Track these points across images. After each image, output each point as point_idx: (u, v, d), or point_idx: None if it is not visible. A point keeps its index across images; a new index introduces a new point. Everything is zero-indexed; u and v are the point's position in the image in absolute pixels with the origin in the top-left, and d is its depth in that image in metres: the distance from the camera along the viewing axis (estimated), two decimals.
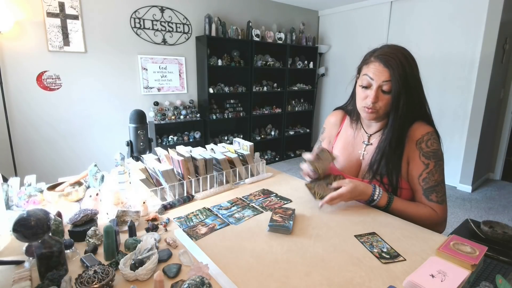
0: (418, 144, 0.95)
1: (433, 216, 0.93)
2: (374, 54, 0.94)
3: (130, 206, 0.95)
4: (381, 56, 0.91)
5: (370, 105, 0.93)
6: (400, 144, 0.95)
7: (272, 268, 0.69)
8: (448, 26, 3.41)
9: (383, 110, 0.94)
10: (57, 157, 2.98)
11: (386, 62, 0.89)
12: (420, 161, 0.95)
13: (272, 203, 1.05)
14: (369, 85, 0.93)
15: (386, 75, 0.89)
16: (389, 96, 0.91)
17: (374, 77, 0.91)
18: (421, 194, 0.95)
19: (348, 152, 1.09)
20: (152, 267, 0.65)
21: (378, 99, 0.92)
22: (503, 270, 0.70)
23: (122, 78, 3.22)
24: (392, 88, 0.89)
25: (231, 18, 3.90)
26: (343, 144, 1.12)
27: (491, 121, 3.55)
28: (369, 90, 0.94)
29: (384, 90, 0.91)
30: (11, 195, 0.98)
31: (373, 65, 0.92)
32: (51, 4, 2.69)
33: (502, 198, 3.32)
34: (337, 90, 4.85)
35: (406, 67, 0.89)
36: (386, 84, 0.90)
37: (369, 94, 0.93)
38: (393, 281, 0.64)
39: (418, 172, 0.95)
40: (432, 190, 0.94)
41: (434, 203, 0.94)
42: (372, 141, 1.05)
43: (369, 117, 0.97)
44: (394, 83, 0.88)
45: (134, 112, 1.48)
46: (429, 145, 0.94)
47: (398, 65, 0.88)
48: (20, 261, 0.70)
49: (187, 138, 3.61)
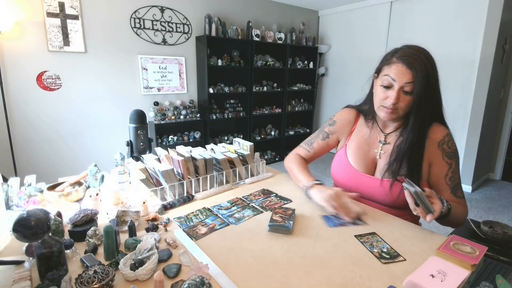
0: (440, 146, 0.96)
1: (465, 211, 0.97)
2: (396, 54, 0.93)
3: (130, 206, 0.95)
4: (404, 57, 0.90)
5: (391, 106, 0.92)
6: (421, 145, 0.96)
7: (272, 268, 0.69)
8: (448, 26, 3.41)
9: (403, 111, 0.94)
10: (57, 157, 2.98)
11: (409, 64, 0.88)
12: (444, 162, 0.97)
13: (272, 203, 1.05)
14: (390, 85, 0.93)
15: (408, 77, 0.89)
16: (410, 97, 0.91)
17: (397, 78, 0.90)
18: (449, 193, 0.97)
19: (363, 151, 1.09)
20: (152, 267, 0.65)
21: (399, 100, 0.92)
22: (503, 270, 0.70)
23: (122, 78, 3.22)
24: (414, 90, 0.89)
25: (231, 18, 3.90)
26: (358, 143, 1.11)
27: (491, 121, 3.55)
28: (390, 90, 0.93)
29: (406, 91, 0.90)
30: (11, 195, 0.98)
31: (395, 66, 0.91)
32: (51, 4, 2.69)
33: (502, 198, 3.32)
34: (337, 90, 4.85)
35: (429, 69, 0.89)
36: (408, 85, 0.89)
37: (389, 95, 0.93)
38: (393, 281, 0.64)
39: (444, 172, 0.97)
40: (458, 187, 0.98)
41: (460, 198, 0.97)
42: (388, 140, 1.05)
43: (388, 118, 0.96)
44: (416, 85, 0.88)
45: (134, 112, 1.48)
46: (450, 145, 0.97)
47: (421, 67, 0.87)
48: (20, 261, 0.70)
49: (187, 138, 3.61)
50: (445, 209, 0.85)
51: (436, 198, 0.84)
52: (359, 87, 4.45)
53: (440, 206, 0.82)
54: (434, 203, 0.83)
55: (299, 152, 1.25)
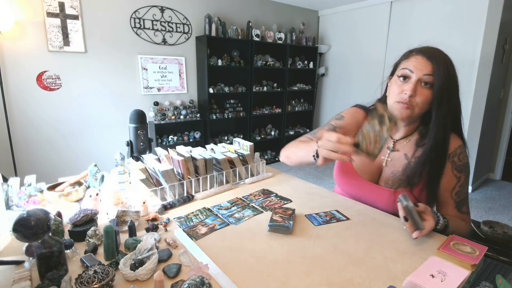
0: (450, 158, 0.91)
1: (466, 228, 0.93)
2: (414, 50, 0.89)
3: (130, 206, 0.95)
4: (424, 50, 0.86)
5: (407, 98, 0.85)
6: (443, 153, 0.89)
7: (272, 268, 0.69)
8: (448, 26, 3.41)
9: (419, 108, 0.86)
10: (57, 157, 2.98)
11: (430, 55, 0.84)
12: (453, 175, 0.92)
13: (272, 203, 1.05)
14: (408, 76, 0.86)
15: (428, 69, 0.83)
16: (429, 92, 0.84)
17: (415, 70, 0.84)
18: (453, 207, 0.93)
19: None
20: (152, 267, 0.65)
21: (416, 93, 0.85)
22: (503, 270, 0.70)
23: (122, 78, 3.22)
24: (434, 82, 0.82)
25: (231, 18, 3.90)
26: None
27: (491, 121, 3.55)
28: (406, 84, 0.86)
29: (426, 81, 0.84)
30: (11, 195, 0.98)
31: (414, 58, 0.86)
32: (51, 4, 2.69)
33: (502, 198, 3.32)
34: (337, 90, 4.85)
35: (450, 67, 0.84)
36: (428, 77, 0.83)
37: (406, 88, 0.86)
38: (393, 281, 0.64)
39: (451, 186, 0.92)
40: (463, 202, 0.93)
41: (464, 214, 0.93)
42: (397, 147, 0.98)
43: (402, 113, 0.88)
44: (437, 77, 0.82)
45: (134, 112, 1.48)
46: (461, 158, 0.91)
47: (442, 60, 0.83)
48: (20, 261, 0.70)
49: (187, 138, 3.61)
50: (441, 226, 0.83)
51: (430, 215, 0.80)
52: (359, 87, 4.46)
53: (431, 224, 0.79)
54: (426, 220, 0.79)
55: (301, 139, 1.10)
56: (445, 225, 0.84)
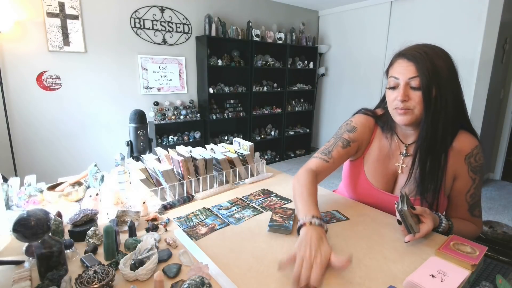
0: (467, 159, 0.88)
1: (477, 232, 0.91)
2: (397, 53, 0.89)
3: (130, 206, 0.95)
4: (404, 52, 0.86)
5: (400, 105, 0.85)
6: (438, 155, 0.87)
7: (272, 268, 0.69)
8: (448, 26, 3.41)
9: (418, 110, 0.84)
10: (57, 157, 2.98)
11: (411, 57, 0.83)
12: (469, 177, 0.89)
13: (272, 203, 1.05)
14: (396, 85, 0.86)
15: (412, 70, 0.82)
16: (419, 93, 0.83)
17: (400, 75, 0.85)
18: (466, 210, 0.91)
19: (383, 166, 0.99)
20: (152, 267, 0.65)
21: (408, 97, 0.84)
22: (503, 270, 0.70)
23: (122, 78, 3.22)
24: (420, 82, 0.81)
25: (231, 18, 3.90)
26: (377, 156, 1.00)
27: (491, 121, 3.55)
28: (396, 90, 0.87)
29: (413, 86, 0.83)
30: (11, 195, 0.98)
31: (397, 64, 0.87)
32: (51, 4, 2.69)
33: (502, 198, 3.32)
34: (337, 90, 4.85)
35: (435, 59, 0.81)
36: (414, 80, 0.82)
37: (397, 95, 0.86)
38: (393, 281, 0.64)
39: (467, 188, 0.90)
40: (477, 205, 0.92)
41: (477, 218, 0.92)
42: (411, 152, 0.95)
43: (403, 120, 0.87)
44: (421, 76, 0.81)
45: (134, 112, 1.49)
46: (477, 159, 0.88)
47: (423, 58, 0.81)
48: (20, 261, 0.70)
49: (187, 138, 3.61)
50: (443, 228, 0.82)
51: (428, 217, 0.78)
52: (359, 87, 4.46)
53: (428, 227, 0.76)
54: (423, 223, 0.78)
55: (314, 165, 0.97)
56: (449, 227, 0.83)
